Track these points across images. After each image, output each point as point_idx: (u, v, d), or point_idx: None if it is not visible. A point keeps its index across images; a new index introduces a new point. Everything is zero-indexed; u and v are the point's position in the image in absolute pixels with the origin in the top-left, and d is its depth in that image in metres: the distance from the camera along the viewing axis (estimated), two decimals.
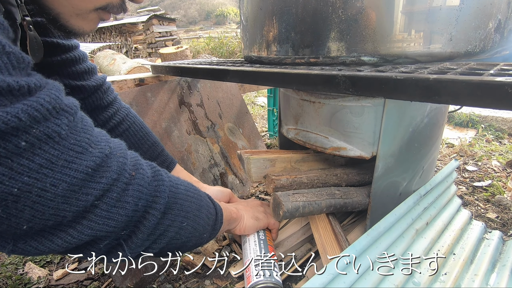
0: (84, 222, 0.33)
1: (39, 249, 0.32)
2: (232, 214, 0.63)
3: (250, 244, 0.67)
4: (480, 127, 1.83)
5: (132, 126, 0.71)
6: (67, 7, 0.39)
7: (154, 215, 0.40)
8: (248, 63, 0.83)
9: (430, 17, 0.53)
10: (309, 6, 0.59)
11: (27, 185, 0.28)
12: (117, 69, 2.43)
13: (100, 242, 0.36)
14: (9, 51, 0.28)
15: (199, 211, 0.49)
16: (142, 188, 0.38)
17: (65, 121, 0.31)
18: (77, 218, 0.33)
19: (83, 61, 0.62)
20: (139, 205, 0.38)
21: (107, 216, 0.35)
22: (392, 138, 0.65)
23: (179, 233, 0.44)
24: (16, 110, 0.27)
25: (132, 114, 0.73)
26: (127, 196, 0.36)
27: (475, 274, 0.71)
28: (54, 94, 0.31)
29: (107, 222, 0.35)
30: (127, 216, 0.36)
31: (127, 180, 0.37)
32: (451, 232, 0.79)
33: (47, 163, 0.29)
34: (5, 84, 0.26)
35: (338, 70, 0.51)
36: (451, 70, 0.44)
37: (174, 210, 0.43)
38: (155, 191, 0.40)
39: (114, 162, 0.36)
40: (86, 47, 5.38)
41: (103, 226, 0.35)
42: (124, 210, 0.36)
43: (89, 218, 0.33)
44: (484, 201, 1.09)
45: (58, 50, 0.57)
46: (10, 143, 0.27)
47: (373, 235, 0.62)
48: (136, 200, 0.37)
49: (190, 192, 0.48)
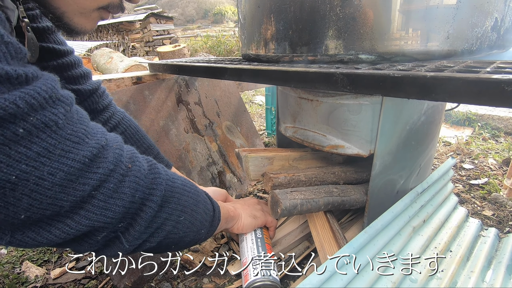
0: (82, 213, 0.33)
1: (37, 240, 0.32)
2: (229, 212, 0.63)
3: (247, 243, 0.68)
4: (477, 125, 1.84)
5: (127, 130, 0.72)
6: (72, 5, 0.40)
7: (151, 207, 0.40)
8: (246, 61, 0.83)
9: (428, 15, 0.53)
10: (307, 4, 0.59)
11: (24, 173, 0.28)
12: (114, 68, 2.42)
13: (98, 233, 0.36)
14: (7, 41, 0.28)
15: (196, 206, 0.49)
16: (139, 180, 0.39)
17: (61, 110, 0.31)
18: (75, 208, 0.33)
19: (78, 66, 0.63)
20: (136, 196, 0.38)
21: (104, 206, 0.35)
22: (389, 136, 0.66)
23: (177, 227, 0.45)
24: (14, 97, 0.27)
25: (127, 118, 0.74)
26: (124, 187, 0.37)
27: (471, 271, 0.71)
28: (50, 84, 0.31)
29: (105, 213, 0.35)
30: (124, 207, 0.37)
31: (124, 172, 0.37)
32: (447, 230, 0.80)
33: (44, 151, 0.29)
34: (3, 72, 0.27)
35: (336, 68, 0.51)
36: (448, 68, 0.44)
37: (171, 204, 0.43)
38: (151, 183, 0.41)
39: (110, 153, 0.36)
40: (83, 45, 5.34)
41: (100, 216, 0.35)
42: (121, 201, 0.36)
43: (86, 208, 0.34)
44: (481, 198, 1.09)
45: (54, 55, 0.58)
46: (8, 130, 0.27)
47: (370, 233, 0.62)
48: (133, 191, 0.38)
49: (187, 186, 0.48)
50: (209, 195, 0.56)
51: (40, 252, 0.96)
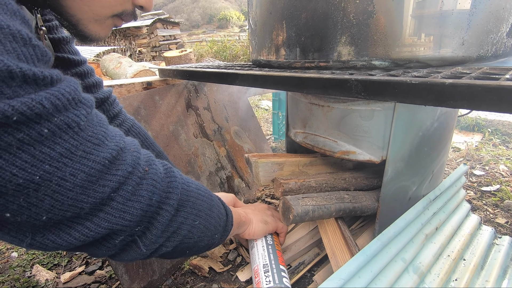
0: (101, 215, 0.34)
1: (56, 242, 0.32)
2: (241, 217, 0.63)
3: (258, 249, 0.67)
4: (487, 131, 1.82)
5: (137, 136, 0.72)
6: (88, 13, 0.41)
7: (167, 211, 0.40)
8: (257, 67, 0.83)
9: (442, 21, 0.53)
10: (320, 10, 0.59)
11: (48, 174, 0.29)
12: (123, 72, 2.45)
13: (116, 237, 0.36)
14: (35, 44, 0.29)
15: (211, 210, 0.49)
16: (155, 183, 0.39)
17: (83, 112, 0.32)
18: (94, 210, 0.33)
19: (91, 75, 0.64)
20: (153, 199, 0.38)
21: (122, 209, 0.35)
22: (402, 142, 0.65)
23: (192, 232, 0.45)
24: (40, 97, 0.28)
25: (137, 125, 0.74)
26: (142, 190, 0.37)
27: (486, 280, 0.70)
28: (73, 87, 0.32)
29: (123, 215, 0.35)
30: (142, 210, 0.37)
31: (141, 175, 0.37)
32: (460, 237, 0.78)
33: (67, 152, 0.30)
34: (31, 73, 0.27)
35: (349, 74, 0.51)
36: (465, 75, 0.44)
37: (187, 208, 0.44)
38: (168, 187, 0.41)
39: (128, 156, 0.36)
40: (91, 50, 5.43)
41: (119, 219, 0.35)
42: (139, 203, 0.36)
43: (105, 210, 0.34)
44: (493, 206, 1.08)
45: (68, 65, 0.59)
46: (34, 130, 0.27)
47: (383, 240, 0.61)
48: (150, 194, 0.38)
49: (201, 191, 0.48)
50: (221, 199, 0.56)
51: (50, 256, 0.96)
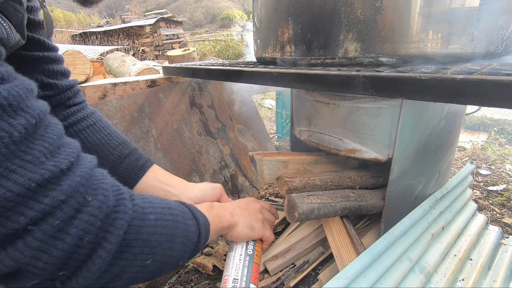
0: (9, 250, 0.27)
1: None
2: (223, 223, 0.57)
3: (235, 256, 0.62)
4: (493, 130, 1.80)
5: (97, 123, 0.67)
6: None
7: (101, 257, 0.32)
8: (261, 64, 0.82)
9: (451, 17, 0.52)
10: (326, 7, 0.58)
11: None
12: (127, 71, 2.45)
13: (27, 280, 0.29)
14: None
15: (172, 241, 0.42)
16: (94, 219, 0.32)
17: (23, 122, 0.27)
18: (3, 242, 0.27)
19: (60, 63, 0.63)
20: (85, 240, 0.31)
21: (39, 247, 0.28)
22: (408, 141, 0.64)
23: (143, 271, 0.39)
24: None
25: (98, 114, 0.70)
26: (72, 226, 0.30)
27: (493, 281, 0.69)
28: (16, 92, 0.27)
29: (38, 256, 0.28)
30: (66, 252, 0.30)
31: (78, 206, 0.31)
32: (467, 237, 0.77)
33: None
34: None
35: (356, 71, 0.50)
36: (475, 71, 0.43)
37: (135, 248, 0.36)
38: (110, 225, 0.33)
39: (67, 181, 0.30)
40: (95, 50, 5.44)
41: (31, 259, 0.28)
42: (64, 244, 0.29)
43: (16, 246, 0.27)
44: (500, 205, 1.06)
45: (41, 47, 0.57)
46: None
47: (389, 239, 0.60)
48: (82, 233, 0.30)
49: (163, 220, 0.41)
50: (196, 212, 0.49)
51: None
